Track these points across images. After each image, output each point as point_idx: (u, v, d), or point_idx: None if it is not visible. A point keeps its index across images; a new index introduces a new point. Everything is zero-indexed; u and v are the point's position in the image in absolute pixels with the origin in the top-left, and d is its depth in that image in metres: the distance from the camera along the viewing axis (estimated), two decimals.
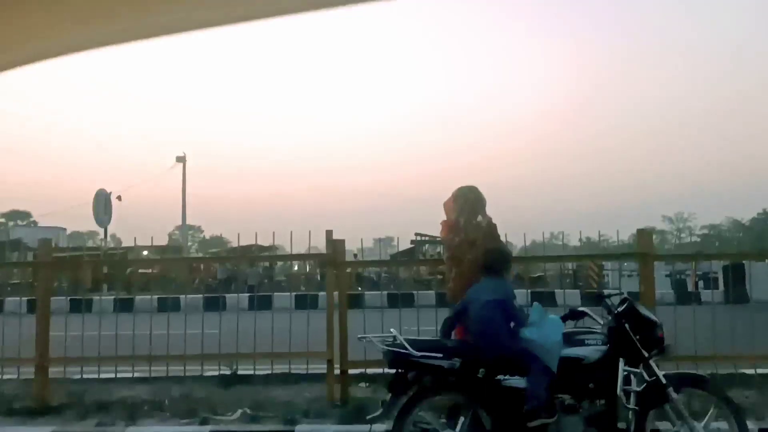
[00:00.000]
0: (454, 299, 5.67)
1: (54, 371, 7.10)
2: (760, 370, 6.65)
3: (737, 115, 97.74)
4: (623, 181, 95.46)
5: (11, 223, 60.49)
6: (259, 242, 6.95)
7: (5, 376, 7.24)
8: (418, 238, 30.43)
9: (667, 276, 23.94)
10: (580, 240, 7.56)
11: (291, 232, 6.58)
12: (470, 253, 5.64)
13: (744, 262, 22.72)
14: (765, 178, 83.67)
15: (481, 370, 4.61)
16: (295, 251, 7.32)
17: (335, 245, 6.60)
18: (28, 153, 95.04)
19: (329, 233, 6.62)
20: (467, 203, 5.78)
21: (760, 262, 22.65)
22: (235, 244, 7.11)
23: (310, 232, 6.58)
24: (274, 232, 6.68)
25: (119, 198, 30.75)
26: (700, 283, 24.79)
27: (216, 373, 7.47)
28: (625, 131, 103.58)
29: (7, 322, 7.45)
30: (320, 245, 6.93)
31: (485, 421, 4.57)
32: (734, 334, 6.62)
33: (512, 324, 4.70)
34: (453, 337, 5.25)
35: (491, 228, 5.77)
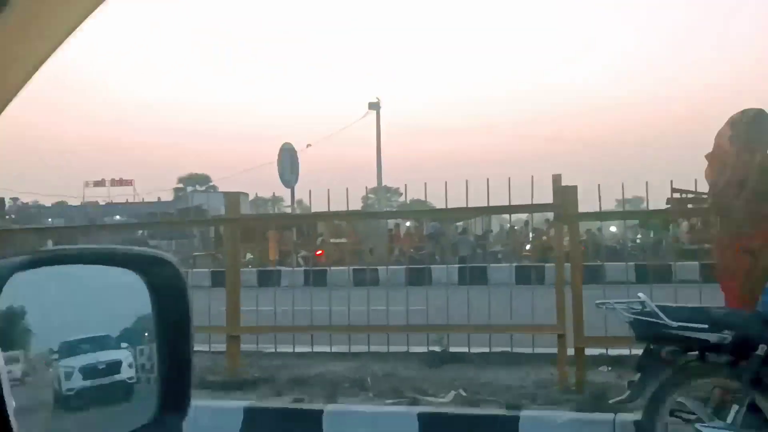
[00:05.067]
0: (721, 260, 5.39)
1: (246, 347, 7.90)
2: None
3: None
4: None
5: (189, 188, 64.20)
6: (471, 206, 7.13)
7: (195, 349, 8.12)
8: (678, 195, 28.50)
9: None
10: None
11: (509, 179, 6.66)
12: (739, 197, 5.18)
13: None
14: None
15: (761, 346, 4.39)
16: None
17: (565, 192, 6.56)
18: (204, 110, 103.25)
19: (557, 178, 6.57)
20: (748, 130, 5.13)
21: None
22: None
23: (532, 177, 6.60)
24: (488, 180, 6.77)
25: (309, 146, 33.04)
26: None
27: (423, 350, 7.81)
28: None
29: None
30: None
31: (767, 412, 4.38)
32: None
33: None
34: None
35: None
